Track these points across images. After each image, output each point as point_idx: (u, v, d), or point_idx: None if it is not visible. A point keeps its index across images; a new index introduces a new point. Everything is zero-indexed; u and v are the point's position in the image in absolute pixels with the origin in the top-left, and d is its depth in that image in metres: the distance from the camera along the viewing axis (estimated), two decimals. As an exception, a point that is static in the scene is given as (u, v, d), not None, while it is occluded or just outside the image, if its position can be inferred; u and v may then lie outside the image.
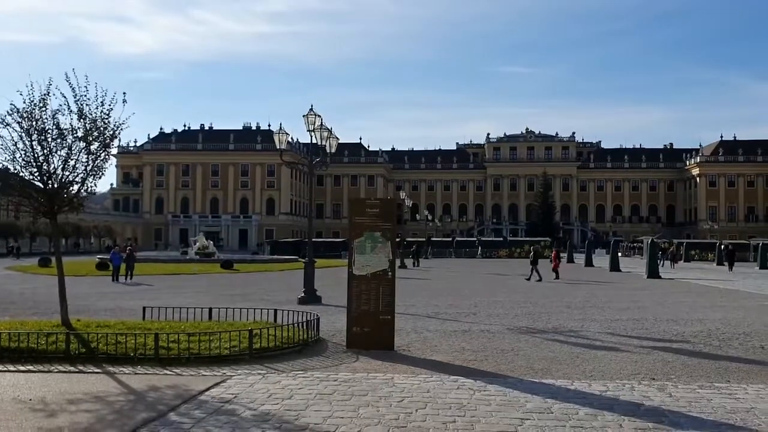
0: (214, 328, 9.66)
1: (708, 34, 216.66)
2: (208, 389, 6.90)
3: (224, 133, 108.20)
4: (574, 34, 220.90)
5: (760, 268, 41.02)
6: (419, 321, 12.79)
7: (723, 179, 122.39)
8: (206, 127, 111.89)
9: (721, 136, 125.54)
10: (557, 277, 26.42)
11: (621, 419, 5.74)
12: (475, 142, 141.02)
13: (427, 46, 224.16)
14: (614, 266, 36.19)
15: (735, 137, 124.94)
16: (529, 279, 25.85)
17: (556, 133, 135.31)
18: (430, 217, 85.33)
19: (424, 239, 63.07)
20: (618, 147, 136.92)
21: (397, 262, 35.40)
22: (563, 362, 8.49)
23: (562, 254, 60.72)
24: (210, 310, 11.52)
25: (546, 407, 6.15)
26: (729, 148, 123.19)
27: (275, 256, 52.41)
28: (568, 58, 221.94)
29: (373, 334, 9.35)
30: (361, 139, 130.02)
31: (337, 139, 19.68)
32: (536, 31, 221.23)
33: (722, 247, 56.00)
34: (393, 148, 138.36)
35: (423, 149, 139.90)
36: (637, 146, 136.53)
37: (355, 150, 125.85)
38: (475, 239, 77.98)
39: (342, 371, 7.82)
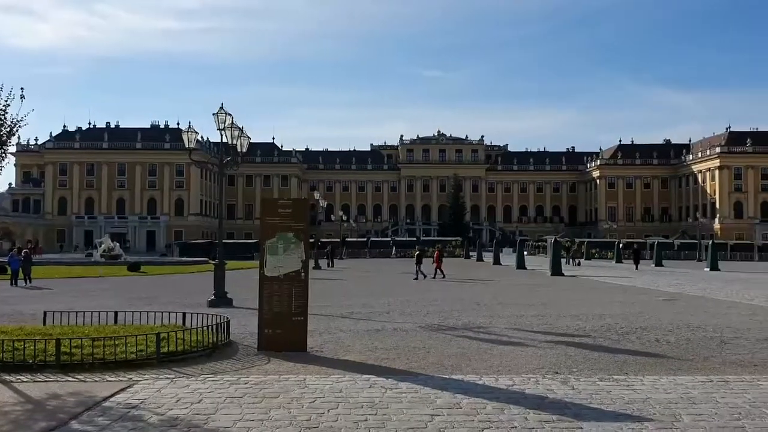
0: (120, 333, 9.32)
1: (609, 41, 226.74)
2: (113, 395, 6.67)
3: (131, 132, 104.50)
4: (485, 38, 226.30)
5: (655, 266, 43.36)
6: (333, 321, 12.79)
7: (621, 181, 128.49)
8: (112, 126, 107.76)
9: (620, 140, 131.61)
10: (443, 276, 26.91)
11: (526, 412, 5.95)
12: (389, 144, 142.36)
13: (342, 47, 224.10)
14: (520, 264, 37.34)
15: (632, 141, 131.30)
16: (416, 278, 26.23)
17: (466, 136, 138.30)
18: (344, 218, 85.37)
19: (338, 240, 63.04)
20: (524, 150, 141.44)
21: (311, 263, 35.29)
22: (472, 358, 8.70)
23: (471, 253, 62.28)
24: (116, 314, 11.13)
25: (455, 402, 6.29)
26: (627, 152, 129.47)
27: (185, 258, 51.13)
28: (478, 62, 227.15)
29: (285, 335, 9.29)
30: (274, 138, 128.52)
31: (249, 138, 19.38)
32: (449, 34, 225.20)
33: (620, 245, 58.84)
34: (307, 148, 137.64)
35: (337, 150, 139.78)
36: (542, 149, 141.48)
37: (268, 150, 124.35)
38: (389, 239, 78.66)
39: (253, 374, 7.73)
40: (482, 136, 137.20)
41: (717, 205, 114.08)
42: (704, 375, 7.59)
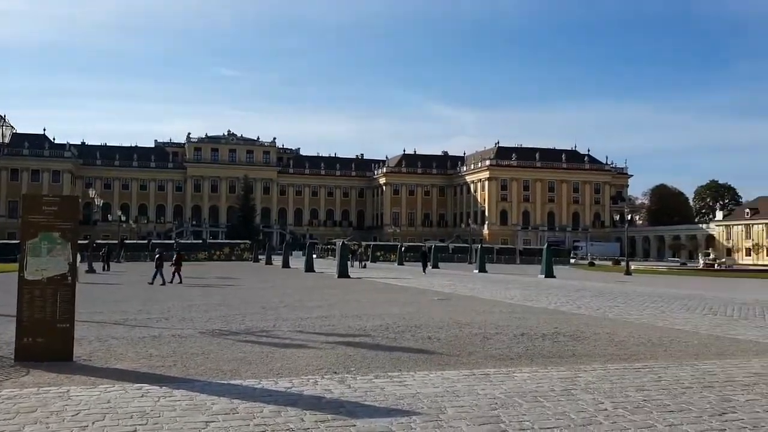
0: None
1: (398, 55, 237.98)
2: None
3: None
4: (281, 42, 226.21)
5: (432, 267, 46.18)
6: (105, 328, 11.95)
7: (405, 188, 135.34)
8: None
9: (404, 150, 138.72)
10: (179, 281, 25.40)
11: (303, 413, 6.00)
12: (176, 141, 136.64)
13: (129, 37, 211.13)
14: (309, 267, 37.81)
15: (415, 151, 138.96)
16: (163, 284, 24.48)
17: (258, 137, 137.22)
18: (123, 218, 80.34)
19: (116, 241, 59.14)
20: (315, 155, 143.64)
21: (84, 266, 32.72)
22: (253, 362, 8.61)
23: (260, 256, 61.77)
24: None
25: (232, 408, 6.18)
26: (410, 161, 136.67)
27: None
28: (274, 65, 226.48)
29: (48, 344, 8.49)
30: (45, 130, 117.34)
31: (13, 128, 17.50)
32: (244, 34, 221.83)
33: (402, 248, 61.92)
34: (83, 143, 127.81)
35: (118, 145, 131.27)
36: (333, 155, 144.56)
37: (38, 142, 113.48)
38: (173, 241, 75.41)
39: (6, 387, 6.97)
40: (274, 138, 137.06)
41: (486, 213, 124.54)
42: (468, 369, 8.19)
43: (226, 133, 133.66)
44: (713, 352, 9.86)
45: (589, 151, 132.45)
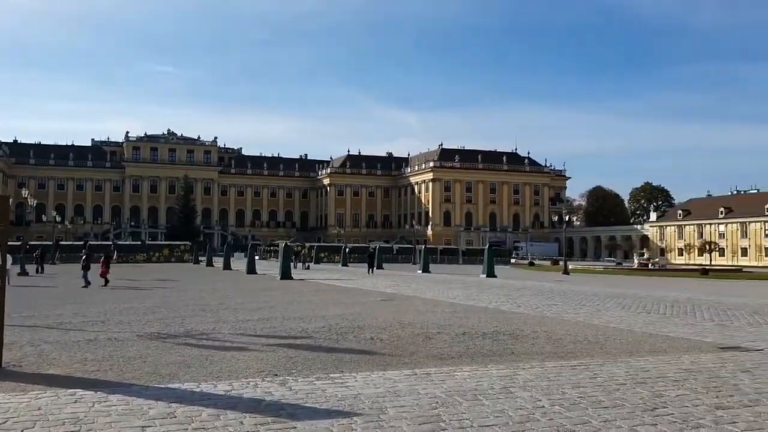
0: None
1: (342, 55, 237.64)
2: None
3: None
4: (221, 38, 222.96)
5: (376, 268, 46.27)
6: (38, 333, 11.55)
7: (349, 189, 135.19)
8: None
9: (348, 151, 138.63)
10: (105, 284, 24.56)
11: (243, 416, 5.93)
12: (113, 140, 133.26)
13: (58, 29, 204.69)
14: (251, 269, 37.40)
15: (360, 152, 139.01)
16: (86, 286, 23.80)
17: (199, 137, 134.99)
18: (59, 219, 77.84)
19: (51, 242, 57.24)
20: (258, 155, 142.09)
21: (17, 268, 31.61)
22: (192, 365, 8.46)
23: (201, 258, 60.72)
24: None
25: (170, 412, 6.06)
26: (355, 162, 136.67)
27: None
28: (214, 62, 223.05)
29: (-26, 350, 8.16)
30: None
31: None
32: (186, 31, 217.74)
33: (347, 249, 61.82)
34: (15, 141, 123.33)
35: (53, 144, 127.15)
36: (276, 155, 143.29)
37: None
38: (110, 243, 73.48)
39: (-71, 396, 6.66)
40: (215, 138, 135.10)
41: (430, 214, 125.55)
42: (410, 369, 8.24)
43: (165, 132, 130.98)
44: (646, 349, 10.18)
45: (529, 153, 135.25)
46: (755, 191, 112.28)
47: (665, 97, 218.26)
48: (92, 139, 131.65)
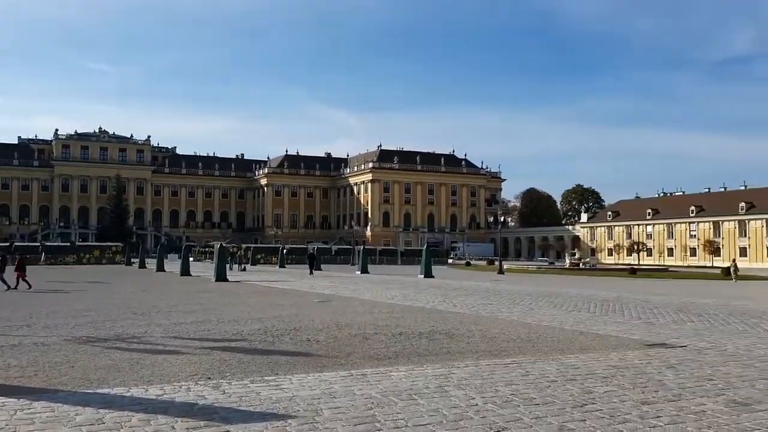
0: None
1: (280, 55, 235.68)
2: None
3: None
4: (155, 36, 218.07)
5: (315, 269, 46.02)
6: (-45, 338, 11.03)
7: (287, 189, 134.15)
8: None
9: (286, 151, 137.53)
10: (14, 286, 23.56)
11: (174, 421, 5.81)
12: (42, 138, 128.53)
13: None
14: (185, 271, 36.68)
15: (298, 152, 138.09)
16: (8, 289, 23.03)
17: (131, 135, 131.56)
18: (-20, 219, 74.57)
19: (-29, 244, 54.80)
20: (193, 154, 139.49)
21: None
22: (122, 369, 8.24)
23: (134, 259, 59.19)
24: None
25: (98, 418, 5.88)
26: (293, 162, 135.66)
27: None
28: (148, 60, 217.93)
29: None
30: None
31: None
32: (117, 26, 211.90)
33: (284, 250, 61.32)
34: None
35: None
36: (211, 154, 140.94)
37: None
38: (38, 244, 70.90)
39: None
40: (149, 137, 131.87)
41: (369, 215, 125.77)
42: (346, 370, 8.23)
43: (97, 131, 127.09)
44: (577, 347, 10.45)
45: (466, 155, 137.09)
46: (680, 193, 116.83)
47: (597, 102, 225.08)
48: (19, 137, 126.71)
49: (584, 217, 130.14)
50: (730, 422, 5.82)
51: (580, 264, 71.77)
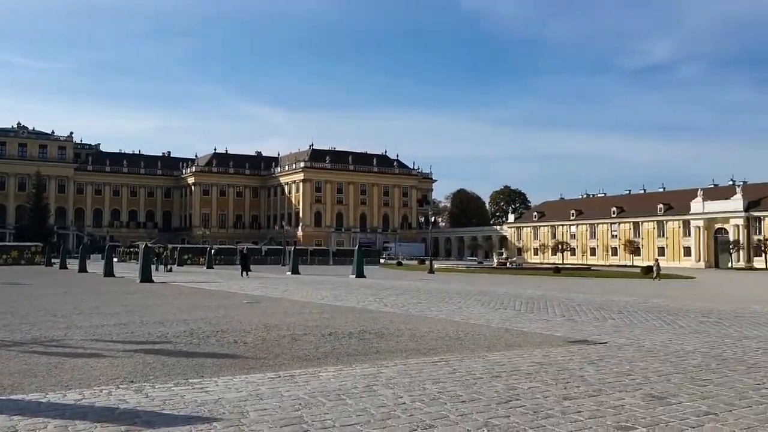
0: None
1: (209, 52, 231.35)
2: None
3: None
4: (82, 30, 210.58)
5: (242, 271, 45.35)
6: None
7: (216, 188, 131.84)
8: None
9: (215, 149, 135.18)
10: None
11: (94, 426, 5.61)
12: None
13: None
14: (108, 272, 35.56)
15: (227, 150, 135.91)
16: None
17: (53, 132, 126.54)
18: None
19: None
20: (118, 151, 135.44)
21: None
22: (38, 374, 7.91)
23: (54, 260, 56.93)
24: None
25: (11, 425, 5.62)
26: (222, 160, 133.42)
27: None
28: (69, 55, 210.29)
29: None
30: None
31: None
32: (36, 18, 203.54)
33: (212, 251, 60.24)
34: None
35: None
36: (137, 152, 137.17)
37: None
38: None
39: None
40: (71, 133, 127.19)
41: (300, 215, 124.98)
42: (274, 371, 8.14)
43: (15, 126, 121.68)
44: (503, 344, 10.67)
45: (398, 156, 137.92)
46: (603, 195, 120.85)
47: (524, 104, 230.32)
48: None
49: (511, 217, 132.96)
50: (646, 415, 6.05)
51: (507, 263, 73.32)
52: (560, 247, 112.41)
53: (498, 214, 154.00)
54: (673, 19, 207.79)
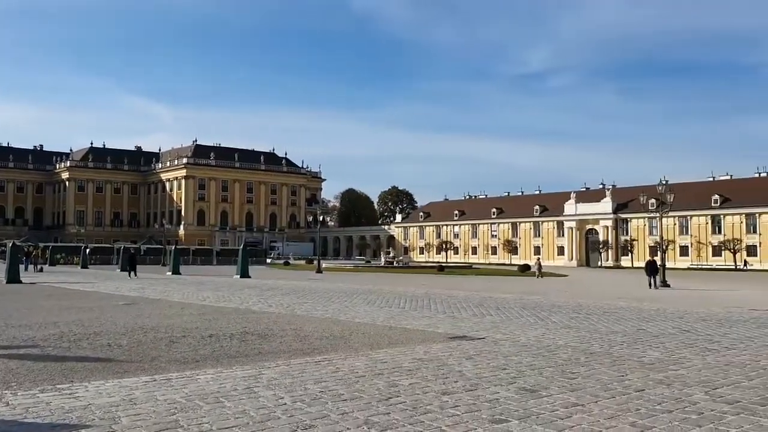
0: None
1: (84, 40, 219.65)
2: None
3: None
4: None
5: (120, 271, 43.52)
6: None
7: (92, 185, 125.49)
8: None
9: (92, 143, 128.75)
10: None
11: (-57, 440, 5.18)
12: None
13: None
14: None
15: (105, 145, 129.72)
16: None
17: None
18: None
19: None
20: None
21: None
22: None
23: None
24: None
25: None
26: (99, 155, 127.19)
27: None
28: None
29: None
30: None
31: None
32: None
33: (87, 250, 57.27)
34: None
35: None
36: (6, 144, 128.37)
37: None
38: None
39: None
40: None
41: (182, 213, 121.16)
42: (149, 375, 7.83)
43: None
44: (386, 341, 10.79)
45: (286, 154, 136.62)
46: (484, 196, 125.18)
47: (410, 107, 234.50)
48: None
49: (399, 217, 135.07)
50: (519, 408, 6.30)
51: (394, 262, 74.48)
52: (444, 246, 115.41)
53: (386, 214, 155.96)
54: (549, 30, 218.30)
